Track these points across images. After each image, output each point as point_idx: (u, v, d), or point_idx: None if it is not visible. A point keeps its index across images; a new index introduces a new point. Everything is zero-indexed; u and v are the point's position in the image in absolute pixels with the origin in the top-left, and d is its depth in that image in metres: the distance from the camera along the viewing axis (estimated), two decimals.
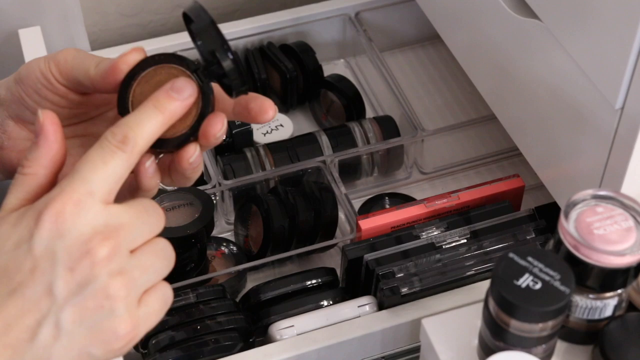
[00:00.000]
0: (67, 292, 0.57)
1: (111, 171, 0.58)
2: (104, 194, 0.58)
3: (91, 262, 0.57)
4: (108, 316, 0.58)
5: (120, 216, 0.58)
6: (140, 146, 0.59)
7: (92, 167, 0.58)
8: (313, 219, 0.97)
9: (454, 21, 0.96)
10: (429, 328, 0.77)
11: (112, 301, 0.57)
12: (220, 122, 0.63)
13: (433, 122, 1.14)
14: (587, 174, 0.79)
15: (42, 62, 0.66)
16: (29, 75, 0.67)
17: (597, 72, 0.72)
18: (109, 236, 0.57)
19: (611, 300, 0.69)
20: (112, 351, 0.59)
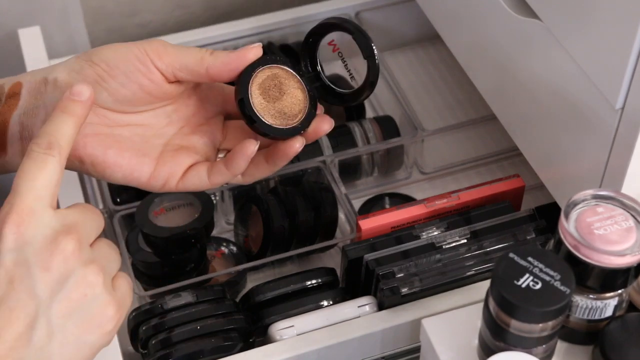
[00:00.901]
0: (50, 290, 0.60)
1: (49, 176, 0.63)
2: (49, 199, 0.62)
3: (63, 257, 0.61)
4: (93, 302, 0.62)
5: (71, 216, 0.63)
6: (64, 148, 0.64)
7: (32, 177, 0.62)
8: (313, 219, 0.97)
9: (454, 21, 0.96)
10: (429, 328, 0.77)
11: (93, 288, 0.62)
12: (328, 122, 0.74)
13: (433, 122, 1.13)
14: (587, 174, 0.78)
15: (134, 47, 0.71)
16: (118, 57, 0.71)
17: (597, 72, 0.72)
18: (70, 232, 0.62)
19: (611, 300, 0.69)
20: (105, 334, 0.63)
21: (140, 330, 0.86)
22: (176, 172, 0.73)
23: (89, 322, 0.62)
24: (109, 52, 0.72)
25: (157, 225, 0.91)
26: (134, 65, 0.71)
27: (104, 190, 0.99)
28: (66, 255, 0.61)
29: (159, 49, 0.72)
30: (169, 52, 0.72)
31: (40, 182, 0.62)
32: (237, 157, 0.71)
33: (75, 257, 0.61)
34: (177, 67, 0.71)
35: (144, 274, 0.93)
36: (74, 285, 0.61)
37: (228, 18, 1.21)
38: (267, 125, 0.71)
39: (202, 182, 0.74)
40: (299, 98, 0.73)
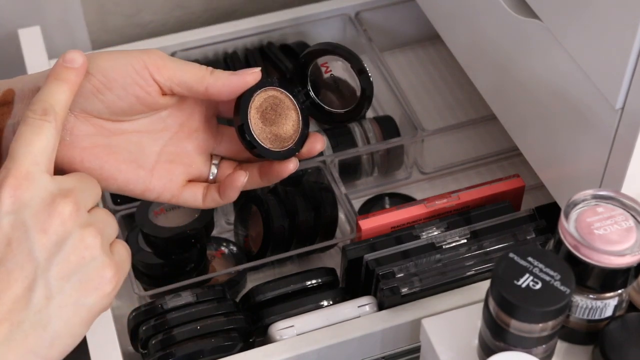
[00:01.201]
0: (47, 252, 0.61)
1: (45, 141, 0.63)
2: (46, 164, 0.63)
3: (61, 220, 0.61)
4: (91, 264, 0.62)
5: (68, 181, 0.63)
6: (59, 114, 0.65)
7: (28, 142, 0.63)
8: (313, 219, 0.97)
9: (454, 21, 0.96)
10: (429, 328, 0.77)
11: (91, 250, 0.62)
12: (320, 141, 0.76)
13: (433, 122, 1.13)
14: (587, 174, 0.78)
15: (132, 59, 0.71)
16: (117, 70, 0.70)
17: (597, 72, 0.72)
18: (67, 195, 0.62)
19: (611, 300, 0.69)
20: (104, 296, 0.63)
21: (140, 330, 0.86)
22: (170, 187, 0.75)
23: (87, 284, 0.62)
24: (106, 62, 0.71)
25: (157, 225, 0.91)
26: (132, 78, 0.71)
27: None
28: (64, 218, 0.61)
29: (158, 63, 0.71)
30: (168, 67, 0.71)
31: (36, 147, 0.62)
32: (228, 188, 0.74)
33: (72, 219, 0.61)
34: (175, 82, 0.72)
35: (144, 274, 0.93)
36: (72, 248, 0.61)
37: (228, 18, 1.21)
38: (266, 150, 0.73)
39: (197, 202, 0.76)
40: (293, 119, 0.75)
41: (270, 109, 0.75)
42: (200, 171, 0.76)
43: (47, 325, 0.61)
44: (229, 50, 1.14)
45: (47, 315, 0.60)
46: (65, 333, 0.61)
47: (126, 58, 0.71)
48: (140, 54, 0.71)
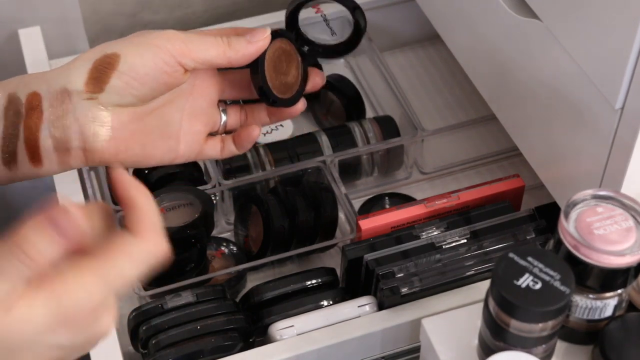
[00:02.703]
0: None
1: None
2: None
3: None
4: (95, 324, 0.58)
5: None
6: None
7: None
8: (313, 219, 0.97)
9: (454, 21, 0.96)
10: (429, 328, 0.77)
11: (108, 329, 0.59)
12: (320, 75, 0.86)
13: (433, 122, 1.13)
14: (587, 174, 0.79)
15: (159, 52, 0.74)
16: (147, 66, 0.74)
17: (597, 72, 0.72)
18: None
19: (611, 300, 0.69)
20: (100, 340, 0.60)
21: (140, 330, 0.86)
22: (194, 147, 0.82)
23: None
24: (136, 59, 0.74)
25: None
26: (162, 70, 0.75)
27: (104, 190, 0.99)
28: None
29: (182, 49, 0.76)
30: (191, 50, 0.76)
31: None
32: (245, 141, 0.83)
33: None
34: (199, 62, 0.77)
35: None
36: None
37: (229, 18, 1.21)
38: (282, 101, 0.83)
39: (216, 154, 0.84)
40: (296, 64, 0.84)
41: (279, 60, 0.82)
42: (215, 122, 0.83)
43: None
44: None
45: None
46: None
47: (154, 52, 0.75)
48: (165, 44, 0.75)
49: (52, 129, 0.73)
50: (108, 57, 0.74)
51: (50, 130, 0.73)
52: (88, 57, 0.75)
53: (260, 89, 0.81)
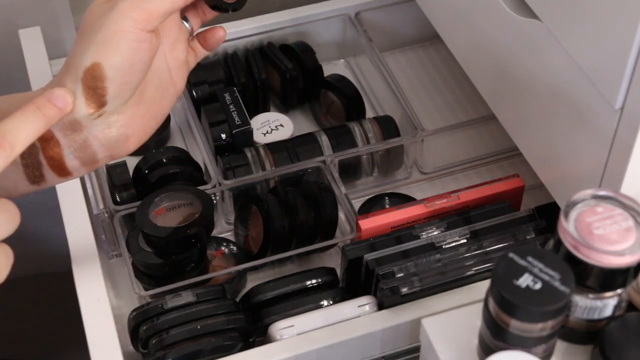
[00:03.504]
0: None
1: None
2: None
3: None
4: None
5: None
6: (19, 148, 0.65)
7: None
8: (313, 219, 0.97)
9: (453, 21, 0.96)
10: (429, 328, 0.77)
11: None
12: None
13: (433, 122, 1.14)
14: (586, 174, 0.79)
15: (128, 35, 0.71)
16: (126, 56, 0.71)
17: (597, 72, 0.72)
18: None
19: (611, 300, 0.69)
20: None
21: (141, 330, 0.86)
22: (185, 73, 0.80)
23: None
24: (113, 59, 0.71)
25: (157, 225, 0.91)
26: (141, 49, 0.72)
27: (104, 190, 0.99)
28: None
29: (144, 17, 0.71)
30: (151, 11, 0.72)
31: None
32: (211, 43, 0.82)
33: None
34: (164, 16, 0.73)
35: (144, 274, 0.93)
36: None
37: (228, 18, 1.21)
38: (236, 3, 0.81)
39: (193, 64, 0.82)
40: None
41: None
42: (187, 35, 0.80)
43: None
44: (229, 50, 1.14)
45: None
46: None
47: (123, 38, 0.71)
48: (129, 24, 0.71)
49: (75, 153, 0.74)
50: (91, 70, 0.71)
51: (73, 154, 0.74)
52: (72, 74, 0.72)
53: (214, 4, 0.79)
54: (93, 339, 0.83)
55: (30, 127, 0.67)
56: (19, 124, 0.66)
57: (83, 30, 0.73)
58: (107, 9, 0.72)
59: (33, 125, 0.67)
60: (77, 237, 0.90)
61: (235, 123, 1.03)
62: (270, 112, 1.11)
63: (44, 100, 0.68)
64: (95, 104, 0.72)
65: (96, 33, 0.71)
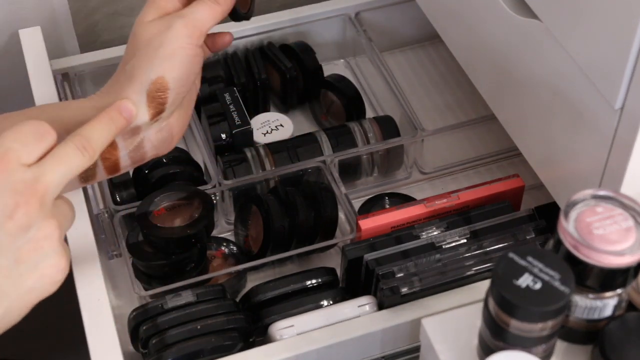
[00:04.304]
0: (10, 237, 0.65)
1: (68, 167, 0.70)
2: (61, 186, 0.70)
3: (26, 210, 0.66)
4: (49, 254, 0.68)
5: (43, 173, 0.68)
6: (96, 154, 0.73)
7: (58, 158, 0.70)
8: (313, 219, 0.97)
9: (453, 21, 0.96)
10: (429, 328, 0.77)
11: (50, 241, 0.68)
12: None
13: (433, 122, 1.14)
14: (586, 174, 0.79)
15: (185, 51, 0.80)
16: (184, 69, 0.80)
17: (597, 72, 0.72)
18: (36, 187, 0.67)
19: (611, 300, 0.69)
20: (54, 283, 0.69)
21: (141, 330, 0.86)
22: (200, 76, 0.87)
23: (42, 271, 0.67)
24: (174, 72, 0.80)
25: (157, 225, 0.91)
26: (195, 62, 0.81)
27: (104, 190, 0.99)
28: (29, 209, 0.66)
29: (197, 34, 0.81)
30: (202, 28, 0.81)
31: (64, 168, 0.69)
32: (219, 46, 0.88)
33: (37, 211, 0.66)
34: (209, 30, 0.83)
35: (144, 274, 0.93)
36: (33, 237, 0.66)
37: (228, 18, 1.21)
38: (248, 14, 0.88)
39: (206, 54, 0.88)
40: None
41: None
42: None
43: (2, 301, 0.65)
44: (229, 50, 1.14)
45: (4, 292, 0.65)
46: (15, 311, 0.67)
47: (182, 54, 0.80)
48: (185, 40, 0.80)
49: (129, 154, 0.82)
50: (156, 82, 0.79)
51: (128, 155, 0.81)
52: (135, 87, 0.80)
53: (233, 14, 0.86)
54: (93, 339, 0.83)
55: (105, 134, 0.74)
56: (97, 132, 0.73)
57: (138, 46, 0.81)
58: (161, 27, 0.80)
59: (108, 133, 0.74)
60: (77, 237, 0.90)
61: (235, 123, 1.03)
62: (270, 112, 1.11)
63: (115, 112, 0.76)
64: (155, 111, 0.80)
65: (157, 50, 0.80)
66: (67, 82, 1.10)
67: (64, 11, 1.16)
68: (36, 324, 1.41)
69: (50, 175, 0.68)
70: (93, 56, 1.12)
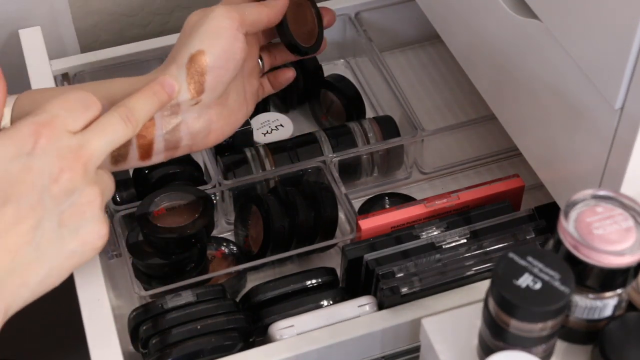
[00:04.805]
0: (55, 200, 0.67)
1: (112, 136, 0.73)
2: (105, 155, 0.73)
3: (71, 175, 0.68)
4: (90, 219, 0.70)
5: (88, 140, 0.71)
6: (140, 125, 0.75)
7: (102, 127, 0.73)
8: (313, 219, 0.97)
9: (453, 21, 0.96)
10: (429, 328, 0.77)
11: (92, 206, 0.70)
12: (329, 14, 0.98)
13: (433, 122, 1.14)
14: (586, 174, 0.79)
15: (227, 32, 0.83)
16: (225, 49, 0.83)
17: (597, 72, 0.72)
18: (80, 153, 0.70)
19: (611, 300, 0.69)
20: (94, 249, 0.72)
21: (141, 330, 0.86)
22: (255, 101, 0.94)
23: (84, 236, 0.70)
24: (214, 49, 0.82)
25: (157, 225, 0.91)
26: (236, 48, 0.84)
27: None
28: (73, 174, 0.68)
29: (240, 20, 0.84)
30: (246, 18, 0.84)
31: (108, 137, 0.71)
32: (281, 81, 0.96)
33: (81, 176, 0.69)
34: (255, 27, 0.86)
35: (144, 274, 0.93)
36: (77, 201, 0.69)
37: None
38: (311, 48, 0.94)
39: (258, 98, 0.95)
40: (310, 10, 0.94)
41: (297, 12, 0.91)
42: (259, 71, 0.94)
43: (44, 263, 0.67)
44: None
45: (46, 255, 0.67)
46: (56, 273, 0.69)
47: (224, 34, 0.83)
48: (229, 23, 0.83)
49: (165, 135, 0.83)
50: (195, 57, 0.82)
51: (163, 136, 0.83)
52: (178, 62, 0.82)
53: (290, 45, 0.91)
54: (93, 339, 0.83)
55: (148, 107, 0.76)
56: (141, 104, 0.75)
57: (184, 32, 0.85)
58: (206, 11, 0.84)
59: (151, 106, 0.77)
60: None
61: None
62: (270, 112, 1.11)
63: (158, 87, 0.78)
64: (195, 90, 0.82)
65: (199, 28, 0.83)
66: (67, 82, 1.10)
67: (64, 11, 1.16)
68: (36, 324, 1.41)
69: (95, 143, 0.70)
70: (93, 56, 1.12)
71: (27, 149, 0.67)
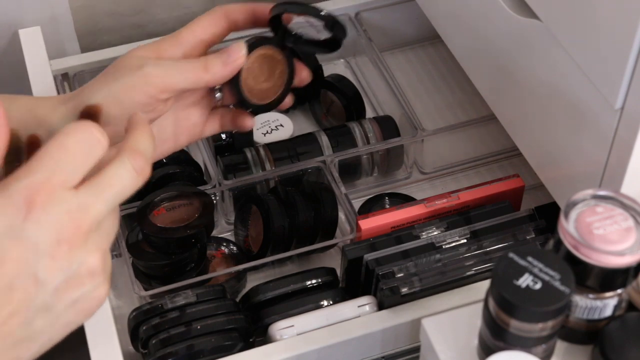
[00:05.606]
0: (52, 277, 0.59)
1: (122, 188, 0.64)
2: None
3: (69, 247, 0.59)
4: (91, 288, 0.61)
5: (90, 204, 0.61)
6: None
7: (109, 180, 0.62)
8: (313, 219, 0.97)
9: (454, 21, 0.96)
10: (429, 328, 0.77)
11: (93, 276, 0.60)
12: (305, 70, 0.87)
13: (433, 122, 1.14)
14: (587, 174, 0.79)
15: (137, 95, 0.77)
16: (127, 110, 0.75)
17: (597, 72, 0.72)
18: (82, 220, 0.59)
19: (611, 300, 0.69)
20: (92, 314, 0.63)
21: (141, 330, 0.86)
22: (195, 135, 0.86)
23: (83, 305, 0.61)
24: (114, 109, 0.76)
25: (157, 225, 0.91)
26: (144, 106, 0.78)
27: None
28: (72, 246, 0.59)
29: (160, 86, 0.77)
30: (169, 84, 0.78)
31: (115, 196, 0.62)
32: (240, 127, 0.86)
33: (80, 249, 0.59)
34: (178, 92, 0.80)
35: (144, 274, 0.93)
36: (76, 274, 0.60)
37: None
38: (262, 107, 0.86)
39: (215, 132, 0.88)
40: (282, 67, 0.85)
41: (260, 68, 0.83)
42: (210, 104, 0.85)
43: (38, 339, 0.60)
44: None
45: (41, 331, 0.60)
46: (49, 344, 0.61)
47: (133, 96, 0.77)
48: (143, 87, 0.77)
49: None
50: (90, 109, 0.74)
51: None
52: (73, 106, 0.76)
53: (239, 101, 0.84)
54: (93, 339, 0.83)
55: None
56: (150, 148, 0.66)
57: (114, 66, 0.80)
58: (138, 62, 0.79)
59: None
60: None
61: None
62: (270, 112, 1.11)
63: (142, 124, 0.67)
64: None
65: (111, 80, 0.78)
66: (67, 82, 1.10)
67: (64, 11, 1.16)
68: None
69: (100, 206, 0.60)
70: (93, 56, 1.12)
71: (18, 220, 0.57)
